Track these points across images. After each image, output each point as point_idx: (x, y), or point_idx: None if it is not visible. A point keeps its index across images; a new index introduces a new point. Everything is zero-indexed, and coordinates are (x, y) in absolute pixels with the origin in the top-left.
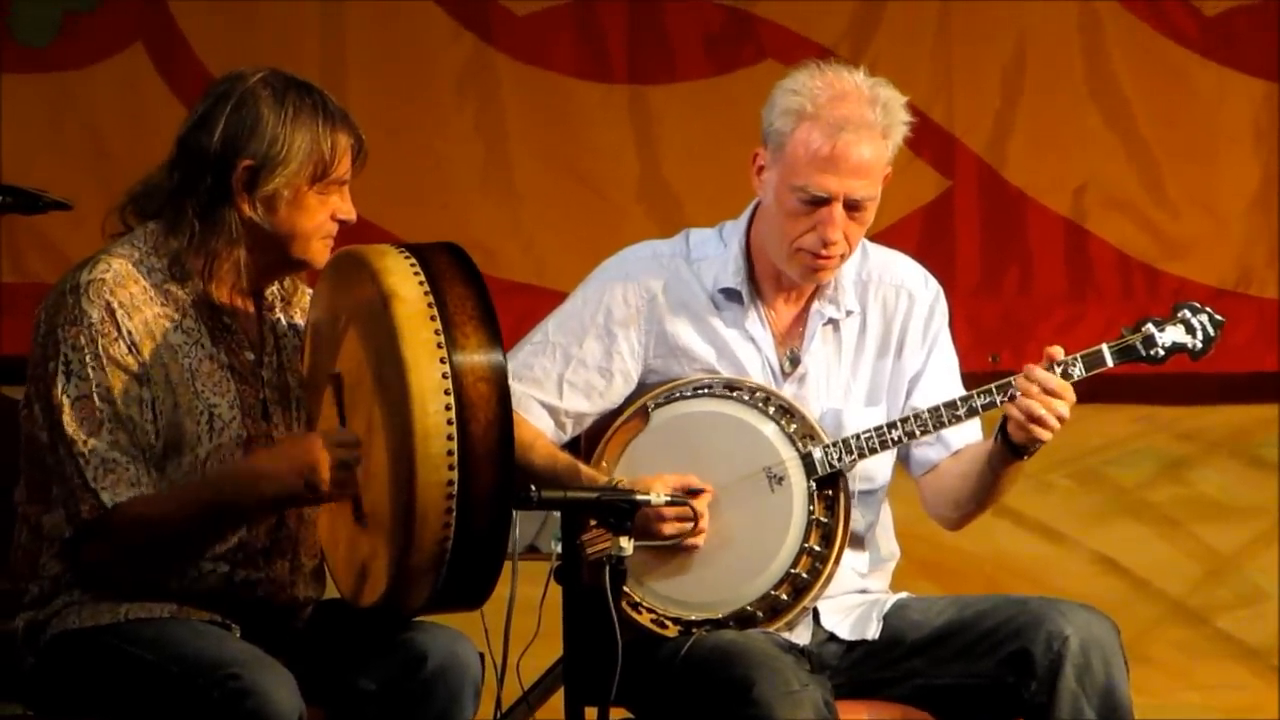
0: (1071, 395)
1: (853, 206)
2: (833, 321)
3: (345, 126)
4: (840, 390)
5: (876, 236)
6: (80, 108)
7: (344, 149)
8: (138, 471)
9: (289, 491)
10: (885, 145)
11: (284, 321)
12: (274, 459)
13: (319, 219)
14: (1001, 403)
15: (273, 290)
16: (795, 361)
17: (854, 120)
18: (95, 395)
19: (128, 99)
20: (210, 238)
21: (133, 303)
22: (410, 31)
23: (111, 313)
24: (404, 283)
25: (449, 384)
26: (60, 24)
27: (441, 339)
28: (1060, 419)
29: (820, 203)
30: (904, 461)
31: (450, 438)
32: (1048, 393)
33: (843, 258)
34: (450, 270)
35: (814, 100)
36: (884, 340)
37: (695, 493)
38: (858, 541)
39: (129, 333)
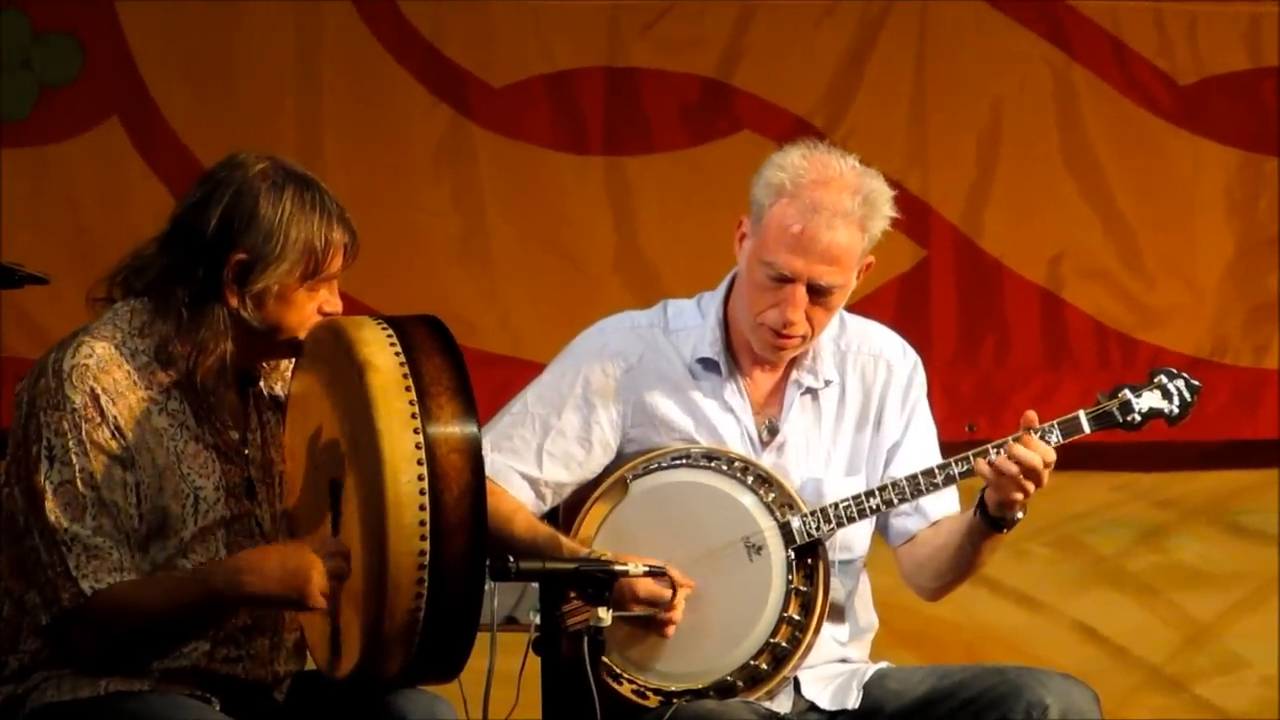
0: (1051, 456)
1: (818, 291)
2: (811, 391)
3: (341, 225)
4: (820, 459)
5: (853, 306)
6: (57, 181)
7: (338, 247)
8: (120, 557)
9: (276, 597)
10: (861, 236)
11: (266, 395)
12: (266, 565)
13: (306, 313)
14: (990, 463)
15: (256, 367)
16: (774, 431)
17: (830, 206)
18: (78, 480)
19: (104, 173)
20: (197, 329)
21: (116, 388)
22: (387, 104)
23: (95, 398)
24: (380, 353)
25: (422, 454)
26: (36, 97)
27: (416, 409)
28: (1039, 485)
29: (785, 281)
30: (882, 531)
31: (423, 508)
32: (1046, 466)
33: (804, 339)
34: (427, 341)
35: (796, 179)
36: (863, 410)
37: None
38: (837, 612)
39: (114, 418)
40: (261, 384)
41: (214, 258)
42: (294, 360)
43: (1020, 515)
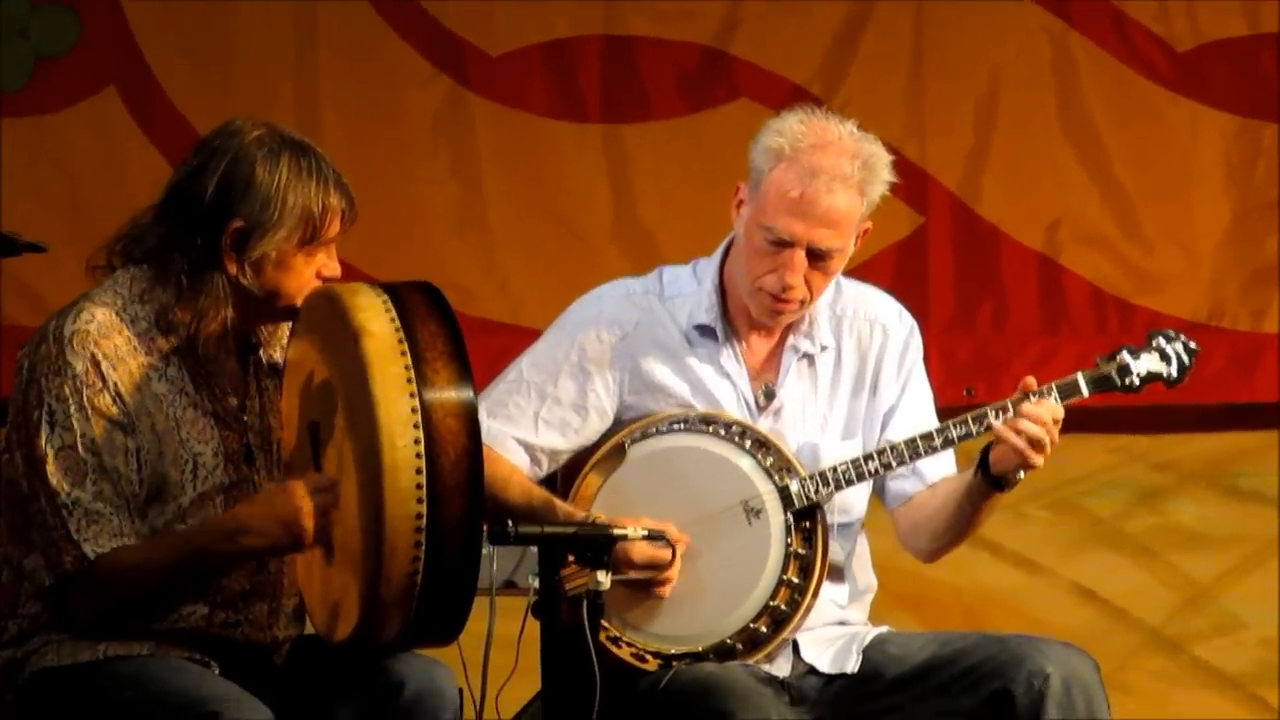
0: (1060, 412)
1: (817, 255)
2: (808, 356)
3: (338, 189)
4: (817, 424)
5: (851, 272)
6: (54, 151)
7: (335, 212)
8: (121, 522)
9: (272, 543)
10: (860, 200)
11: (265, 362)
12: (256, 511)
13: (304, 279)
14: (977, 434)
15: (255, 333)
16: (770, 396)
17: (829, 170)
18: (80, 446)
19: (101, 142)
20: (197, 296)
21: (117, 354)
22: (384, 73)
23: (96, 364)
24: (375, 319)
25: (418, 418)
26: (33, 67)
27: (411, 374)
28: (1053, 444)
29: (784, 245)
30: (879, 494)
31: (419, 471)
32: (1055, 422)
33: (803, 304)
34: (422, 307)
35: (794, 144)
36: (859, 375)
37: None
38: (836, 574)
39: (114, 384)
40: (261, 352)
41: (212, 225)
42: (290, 326)
43: (1021, 475)
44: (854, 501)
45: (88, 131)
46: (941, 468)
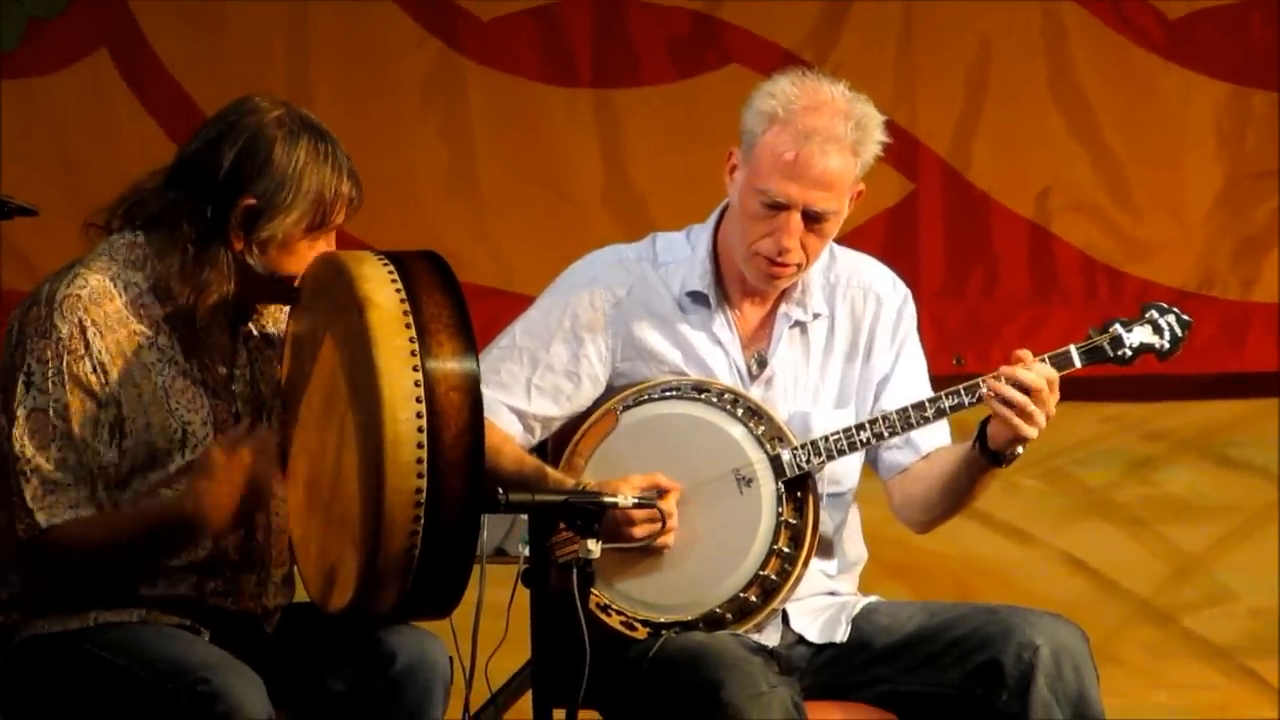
0: (1054, 374)
1: (812, 218)
2: (800, 324)
3: (351, 179)
4: (808, 393)
5: (842, 239)
6: (45, 114)
7: (344, 201)
8: (78, 494)
9: (212, 529)
10: (854, 161)
11: (256, 334)
12: (186, 503)
13: (304, 262)
14: (970, 404)
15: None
16: (762, 364)
17: (823, 131)
18: (51, 410)
19: (93, 105)
20: (201, 268)
21: (106, 322)
22: (375, 37)
23: (83, 330)
24: (380, 289)
25: (421, 391)
26: (25, 29)
27: (415, 346)
28: (1048, 416)
29: (780, 208)
30: (873, 464)
31: (420, 445)
32: (1046, 386)
33: (799, 267)
34: (427, 278)
35: (787, 106)
36: (852, 343)
37: (663, 492)
38: (825, 545)
39: (98, 352)
40: (252, 323)
41: (223, 200)
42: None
43: (1020, 450)
44: (845, 472)
45: (79, 94)
46: (936, 438)
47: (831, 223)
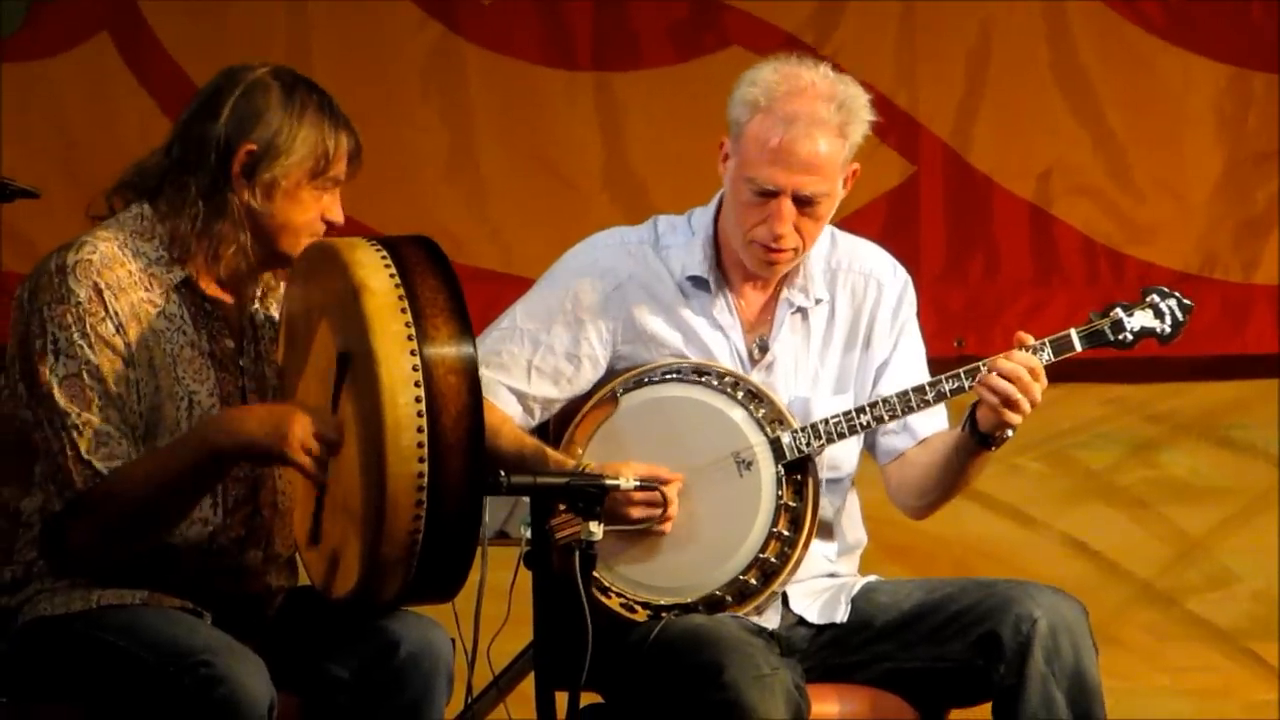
0: (1044, 379)
1: (803, 202)
2: (801, 310)
3: (347, 129)
4: (808, 379)
5: (841, 223)
6: (46, 97)
7: (344, 150)
8: (128, 448)
9: (254, 438)
10: (841, 143)
11: (262, 314)
12: (250, 413)
13: (310, 215)
14: (969, 387)
15: (255, 281)
16: (764, 349)
17: (806, 116)
18: (84, 373)
19: (94, 88)
20: (214, 220)
21: (119, 285)
22: (376, 19)
23: (99, 292)
24: (374, 275)
25: (419, 376)
26: (27, 12)
27: (412, 331)
28: (1034, 403)
29: (770, 195)
30: (870, 450)
31: (420, 430)
32: (1030, 374)
33: (796, 252)
34: (421, 263)
35: (769, 93)
36: (852, 329)
37: (664, 483)
38: (825, 529)
39: (116, 313)
40: (258, 304)
41: (225, 151)
42: (287, 279)
43: (1009, 434)
44: (844, 457)
45: (81, 77)
46: (933, 423)
47: (824, 205)
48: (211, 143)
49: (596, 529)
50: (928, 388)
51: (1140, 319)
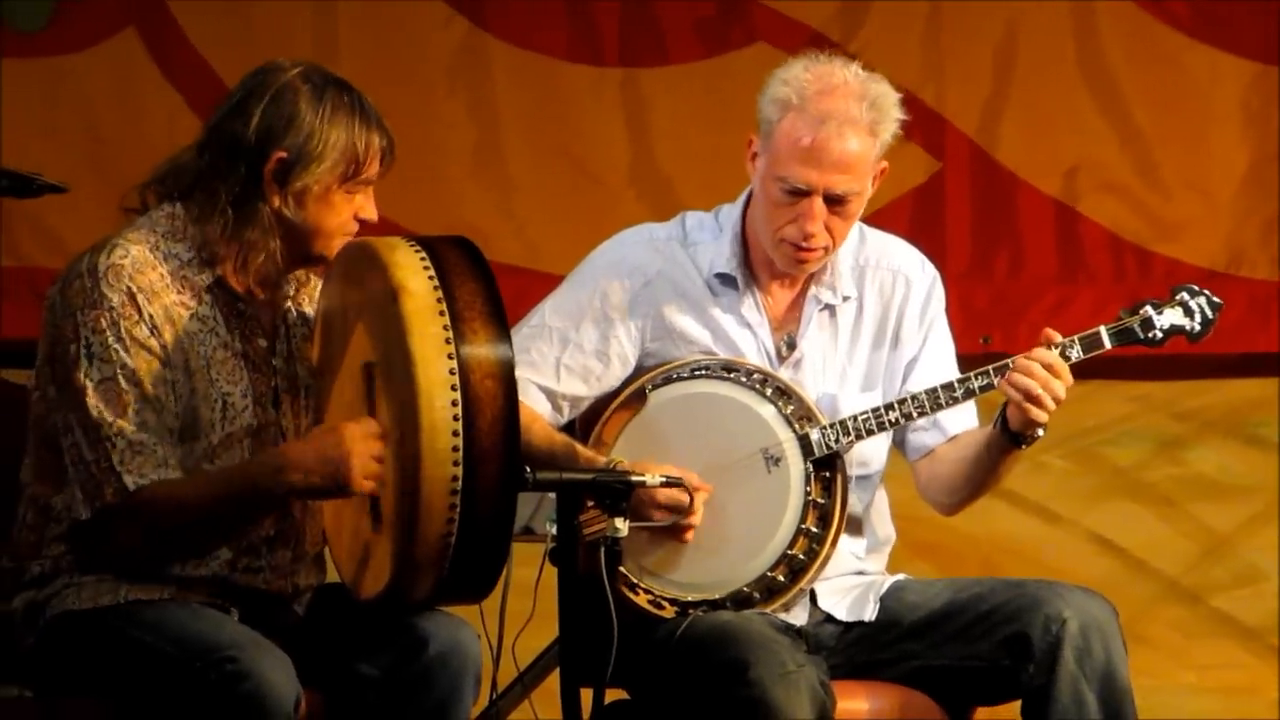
0: (1069, 376)
1: (834, 200)
2: (829, 307)
3: (379, 129)
4: (836, 376)
5: (867, 219)
6: (74, 92)
7: (376, 151)
8: (165, 453)
9: (316, 485)
10: (872, 142)
11: (294, 311)
12: (305, 460)
13: (343, 217)
14: (998, 384)
15: (287, 279)
16: (792, 346)
17: (838, 114)
18: (120, 377)
19: (121, 83)
20: (244, 227)
21: (152, 288)
22: (402, 15)
23: (132, 296)
24: (413, 277)
25: (456, 379)
26: (54, 9)
27: (450, 334)
28: (1056, 399)
29: (801, 194)
30: (900, 446)
31: (456, 433)
32: (1046, 369)
33: (826, 250)
34: (460, 265)
35: (801, 92)
36: (881, 326)
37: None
38: (854, 525)
39: (150, 316)
40: (290, 302)
41: (256, 157)
42: (324, 277)
43: (1041, 432)
44: (872, 454)
45: (107, 73)
46: (963, 420)
47: (854, 204)
48: (241, 149)
49: (622, 525)
50: (957, 385)
51: (1170, 317)
